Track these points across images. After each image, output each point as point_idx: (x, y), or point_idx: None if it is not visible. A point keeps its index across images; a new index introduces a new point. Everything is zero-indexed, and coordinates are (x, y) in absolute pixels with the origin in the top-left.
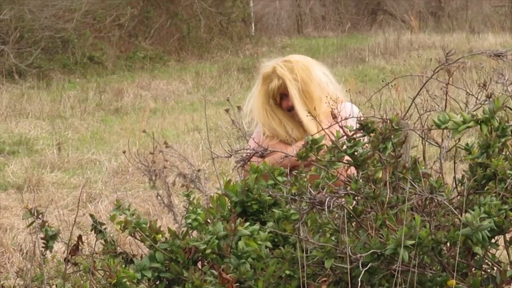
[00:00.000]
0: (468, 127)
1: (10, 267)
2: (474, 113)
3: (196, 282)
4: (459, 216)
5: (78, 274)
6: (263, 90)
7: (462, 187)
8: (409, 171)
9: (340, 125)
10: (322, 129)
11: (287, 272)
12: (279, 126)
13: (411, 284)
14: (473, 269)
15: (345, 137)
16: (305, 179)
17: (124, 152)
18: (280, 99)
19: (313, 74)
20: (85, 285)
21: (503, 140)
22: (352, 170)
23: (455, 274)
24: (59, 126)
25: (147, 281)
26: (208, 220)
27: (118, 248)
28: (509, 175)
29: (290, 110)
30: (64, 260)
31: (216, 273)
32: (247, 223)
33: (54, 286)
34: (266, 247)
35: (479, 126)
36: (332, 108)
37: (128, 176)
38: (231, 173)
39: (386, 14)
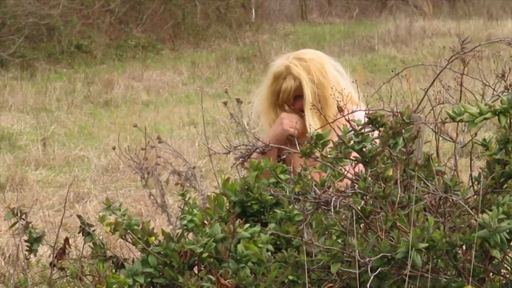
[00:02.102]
0: (485, 118)
1: None
2: (492, 103)
3: None
4: (476, 217)
5: (64, 280)
6: (272, 90)
7: (479, 186)
8: (422, 169)
9: (347, 118)
10: (328, 123)
11: (290, 277)
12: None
13: None
14: (491, 274)
15: (352, 131)
16: (310, 177)
17: (114, 148)
18: (293, 100)
19: (329, 74)
20: None
21: None
22: (360, 167)
23: (471, 280)
24: (44, 120)
25: (139, 287)
26: (205, 222)
27: (108, 251)
28: None
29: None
30: (50, 264)
31: (213, 278)
32: (247, 225)
33: None
34: (268, 250)
35: (497, 118)
36: (338, 101)
37: (119, 174)
38: (229, 171)
39: None
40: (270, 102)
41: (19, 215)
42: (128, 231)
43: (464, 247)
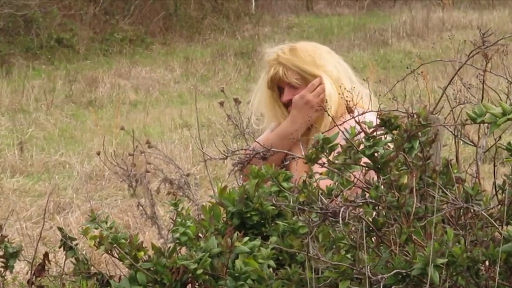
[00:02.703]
0: (508, 119)
1: None
2: None
3: None
4: (500, 229)
5: None
6: (266, 80)
7: (504, 195)
8: (440, 176)
9: (357, 120)
10: (336, 125)
11: None
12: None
13: None
14: None
15: (362, 134)
16: (315, 185)
17: (98, 153)
18: (279, 92)
19: (324, 63)
20: None
21: None
22: (372, 174)
23: None
24: (21, 122)
25: None
26: (200, 235)
27: (92, 268)
28: None
29: (289, 105)
30: (28, 282)
31: None
32: (246, 238)
33: None
34: (269, 266)
35: None
36: (347, 101)
37: (104, 182)
38: (227, 178)
39: None
40: (268, 95)
41: None
42: (115, 245)
43: (487, 262)
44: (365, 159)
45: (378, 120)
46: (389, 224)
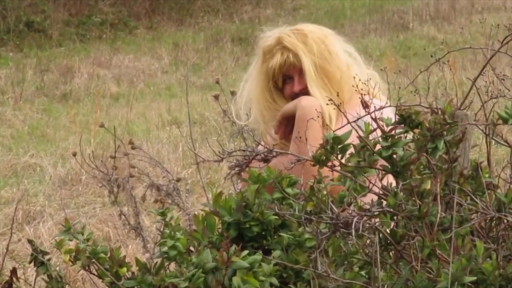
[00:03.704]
0: None
1: None
2: None
3: None
4: None
5: None
6: (263, 70)
7: None
8: (468, 181)
9: (373, 117)
10: (348, 122)
11: None
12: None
13: None
14: None
15: (379, 133)
16: (325, 192)
17: (74, 155)
18: (282, 83)
19: (335, 52)
20: None
21: None
22: (390, 179)
23: None
24: None
25: None
26: (191, 248)
27: (67, 286)
28: None
29: (295, 97)
30: None
31: None
32: (245, 252)
33: None
34: (271, 284)
35: None
36: (362, 94)
37: (81, 188)
38: (222, 184)
39: None
40: (261, 87)
41: None
42: (93, 260)
43: None
44: (381, 162)
45: (397, 117)
46: (409, 237)
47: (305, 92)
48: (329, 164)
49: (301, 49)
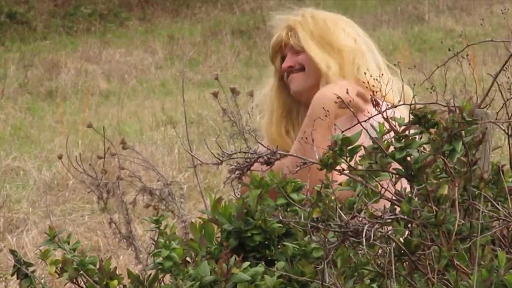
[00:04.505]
0: None
1: None
2: None
3: None
4: None
5: None
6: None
7: None
8: (489, 186)
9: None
10: (359, 122)
11: None
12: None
13: None
14: None
15: (392, 133)
16: (333, 197)
17: (61, 157)
18: (280, 62)
19: (337, 29)
20: None
21: None
22: (403, 183)
23: None
24: None
25: None
26: (188, 259)
27: None
28: None
29: (290, 73)
30: None
31: None
32: (246, 263)
33: None
34: None
35: None
36: (373, 91)
37: (67, 193)
38: (221, 189)
39: None
40: (270, 85)
41: None
42: (81, 272)
43: None
44: (395, 165)
45: (412, 116)
46: (425, 246)
47: (293, 69)
48: (338, 167)
49: (296, 20)
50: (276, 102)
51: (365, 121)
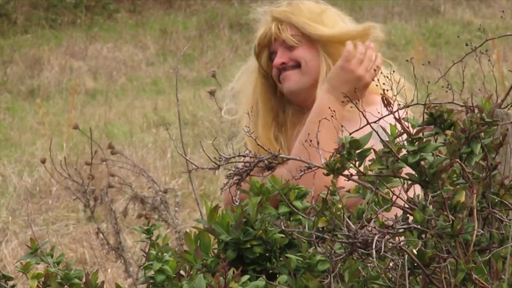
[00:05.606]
0: None
1: None
2: None
3: None
4: None
5: None
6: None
7: None
8: (510, 192)
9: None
10: (368, 123)
11: None
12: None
13: None
14: None
15: (404, 135)
16: (340, 205)
17: (43, 162)
18: (267, 58)
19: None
20: None
21: None
22: (417, 190)
23: None
24: None
25: None
26: (182, 273)
27: None
28: None
29: (282, 71)
30: None
31: None
32: (246, 277)
33: None
34: None
35: None
36: (383, 89)
37: (51, 201)
38: (218, 196)
39: None
40: (262, 83)
41: None
42: (65, 286)
43: None
44: (407, 170)
45: (426, 116)
46: (440, 258)
47: (286, 66)
48: (345, 172)
49: (286, 11)
50: (263, 105)
51: (375, 122)
